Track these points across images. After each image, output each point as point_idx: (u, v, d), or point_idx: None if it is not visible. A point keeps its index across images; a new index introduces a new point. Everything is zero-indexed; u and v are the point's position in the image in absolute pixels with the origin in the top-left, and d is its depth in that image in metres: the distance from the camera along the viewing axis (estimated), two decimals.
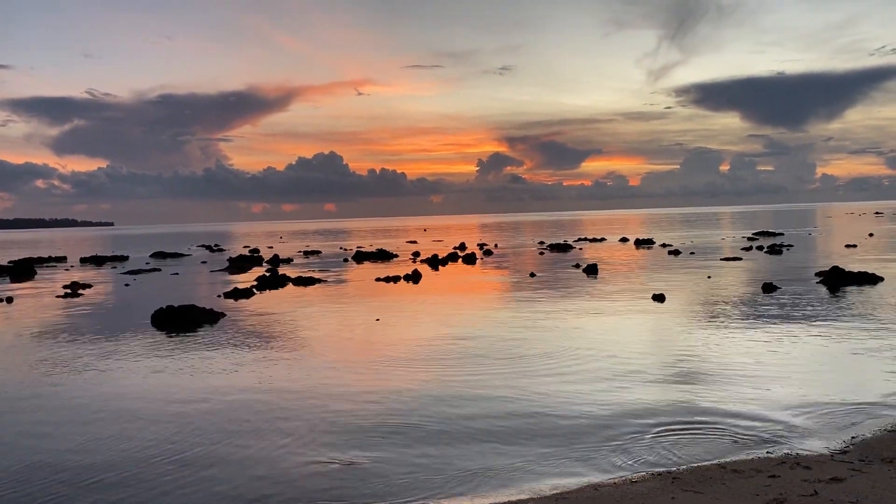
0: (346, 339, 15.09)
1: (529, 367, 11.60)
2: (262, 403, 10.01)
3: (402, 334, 15.42)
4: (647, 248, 44.45)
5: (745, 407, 9.01)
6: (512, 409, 9.24)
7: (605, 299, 20.10)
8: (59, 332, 17.31)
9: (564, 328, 15.38)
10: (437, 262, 36.79)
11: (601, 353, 12.56)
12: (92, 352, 14.40)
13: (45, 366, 13.18)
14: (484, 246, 52.83)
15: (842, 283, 21.55)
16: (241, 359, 13.23)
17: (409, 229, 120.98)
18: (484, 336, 14.69)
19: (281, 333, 15.98)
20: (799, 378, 10.39)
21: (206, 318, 18.14)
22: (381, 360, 12.66)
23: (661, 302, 19.06)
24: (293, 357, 13.24)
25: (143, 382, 11.59)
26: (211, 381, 11.55)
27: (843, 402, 9.14)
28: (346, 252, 51.06)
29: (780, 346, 12.70)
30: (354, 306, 20.50)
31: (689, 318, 16.19)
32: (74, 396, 10.82)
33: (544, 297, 21.14)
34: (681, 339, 13.70)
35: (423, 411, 9.32)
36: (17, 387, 11.59)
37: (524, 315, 17.51)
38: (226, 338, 15.58)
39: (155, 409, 9.93)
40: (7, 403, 10.52)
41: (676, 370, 11.13)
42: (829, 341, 13.06)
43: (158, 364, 12.98)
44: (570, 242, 52.65)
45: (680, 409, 9.00)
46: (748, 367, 11.20)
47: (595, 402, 9.44)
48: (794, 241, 46.88)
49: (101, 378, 12.00)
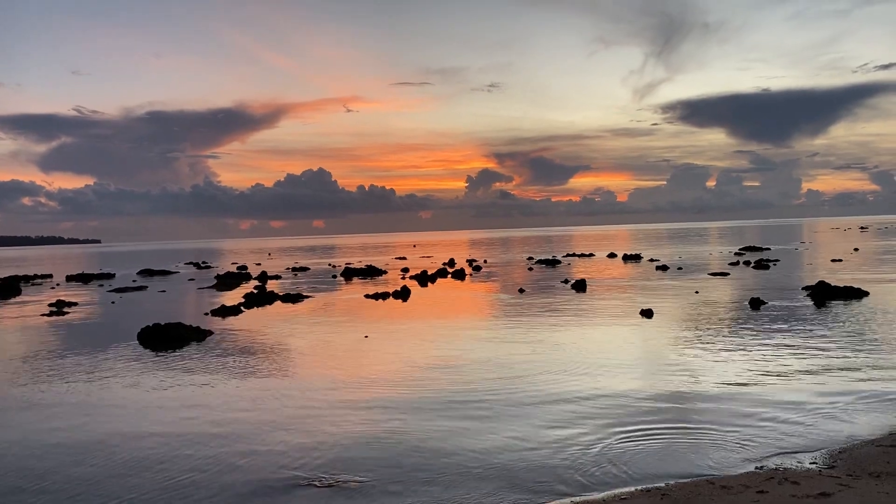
0: (333, 357, 15.00)
1: (518, 386, 11.57)
2: (248, 422, 9.91)
3: (390, 351, 15.35)
4: (634, 264, 44.60)
5: (734, 422, 9.02)
6: (497, 426, 9.20)
7: (593, 315, 20.12)
8: (43, 350, 17.11)
9: (553, 345, 15.37)
10: (426, 279, 36.74)
11: (590, 369, 12.55)
12: (76, 370, 14.23)
13: (27, 385, 13.01)
14: (473, 262, 52.84)
15: (828, 298, 21.71)
16: (227, 377, 13.12)
17: (399, 245, 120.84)
18: (472, 353, 14.65)
19: (268, 351, 15.87)
20: (787, 393, 10.42)
21: (193, 336, 18.00)
22: (369, 378, 12.58)
23: (649, 317, 19.10)
24: (280, 375, 13.14)
25: (127, 400, 11.45)
26: (195, 399, 11.44)
27: (831, 416, 9.17)
28: (334, 269, 50.93)
29: (769, 361, 12.73)
30: (343, 323, 20.41)
31: (677, 334, 16.22)
32: (56, 416, 10.67)
33: (533, 313, 21.14)
34: (669, 355, 13.71)
35: (411, 431, 9.26)
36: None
37: (513, 332, 17.49)
38: (212, 356, 15.45)
39: (138, 427, 9.81)
40: None
41: (665, 386, 11.12)
42: (816, 356, 13.11)
43: (143, 382, 12.84)
44: (559, 258, 52.78)
45: (668, 424, 8.99)
46: (735, 381, 11.22)
47: (582, 417, 9.41)
48: (781, 256, 47.20)
49: (84, 397, 11.85)
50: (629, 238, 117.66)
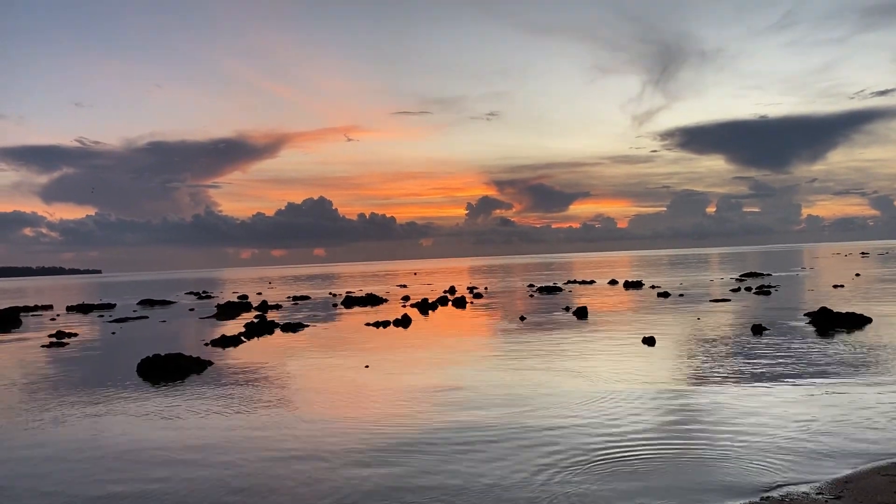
0: (334, 387, 14.89)
1: (521, 419, 11.48)
2: (248, 457, 9.82)
3: (391, 381, 15.25)
4: (636, 291, 44.54)
5: (740, 452, 8.93)
6: (500, 463, 9.11)
7: (595, 343, 20.03)
8: (42, 382, 17.01)
9: (556, 374, 15.27)
10: (426, 307, 36.67)
11: (593, 398, 12.46)
12: (74, 402, 14.14)
13: (25, 417, 12.92)
14: (474, 289, 52.77)
15: (830, 325, 21.62)
16: (227, 409, 13.02)
17: (399, 273, 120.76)
18: (473, 383, 14.55)
19: (268, 382, 15.78)
20: (792, 421, 10.33)
21: (193, 367, 17.93)
22: (369, 410, 12.49)
23: (651, 345, 19.01)
24: (280, 407, 13.05)
25: (126, 434, 11.36)
26: (195, 432, 11.34)
27: (838, 446, 9.09)
28: (335, 297, 50.85)
29: (772, 390, 12.65)
30: (343, 353, 20.31)
31: (680, 361, 16.13)
32: (54, 448, 10.58)
33: (535, 341, 21.05)
34: (671, 383, 13.62)
35: (412, 466, 9.18)
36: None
37: (514, 361, 17.40)
38: (212, 387, 15.36)
39: (137, 461, 9.72)
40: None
41: (666, 415, 11.03)
42: (820, 385, 13.02)
43: (142, 415, 12.74)
44: (560, 285, 52.72)
45: (670, 454, 8.91)
46: (740, 411, 11.13)
47: (586, 449, 9.33)
48: (782, 282, 47.14)
49: (82, 429, 11.76)
50: (630, 264, 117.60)
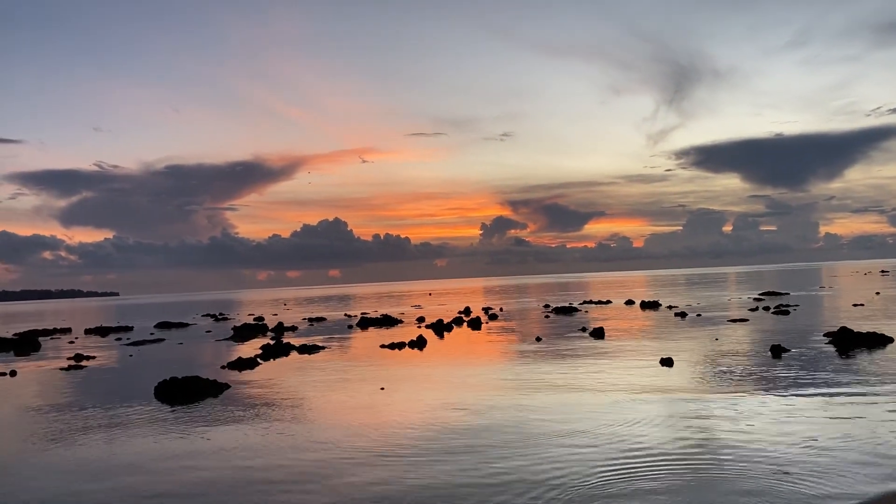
0: (350, 411, 14.86)
1: (534, 441, 11.39)
2: (263, 479, 9.81)
3: (407, 404, 15.20)
4: (652, 311, 44.20)
5: (759, 472, 8.79)
6: (516, 483, 9.03)
7: (612, 365, 19.87)
8: (59, 405, 17.12)
9: (572, 396, 15.16)
10: (441, 328, 36.61)
11: (611, 421, 12.35)
12: (92, 425, 14.21)
13: (42, 440, 13.00)
14: (489, 310, 52.64)
15: (851, 345, 21.33)
16: (243, 433, 13.02)
17: (414, 294, 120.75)
18: (489, 405, 14.47)
19: (284, 404, 15.78)
20: (814, 445, 10.16)
21: (210, 390, 17.98)
22: (386, 433, 12.45)
23: (669, 366, 18.84)
24: (295, 430, 13.03)
25: (143, 457, 11.38)
26: (211, 455, 11.34)
27: (860, 467, 8.93)
28: (350, 318, 50.90)
29: (792, 411, 12.47)
30: (359, 375, 20.29)
31: (699, 383, 15.95)
32: (70, 471, 10.62)
33: (551, 363, 20.93)
34: (690, 405, 13.45)
35: (431, 486, 9.12)
36: (11, 462, 11.40)
37: (530, 382, 17.29)
38: (228, 410, 15.39)
39: (154, 484, 9.73)
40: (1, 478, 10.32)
41: (685, 437, 10.90)
42: (842, 407, 12.82)
43: (159, 438, 12.78)
44: (576, 305, 52.47)
45: (687, 479, 8.78)
46: (760, 431, 10.97)
47: (604, 467, 9.23)
48: (801, 302, 46.63)
49: (99, 452, 11.80)
50: (646, 284, 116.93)
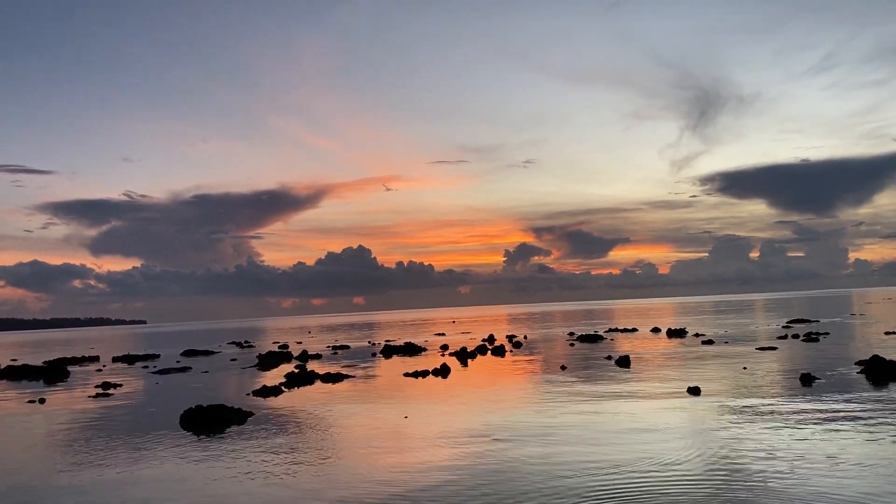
0: (374, 440, 14.81)
1: (558, 472, 11.26)
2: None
3: (431, 433, 15.11)
4: (679, 339, 43.62)
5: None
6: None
7: (639, 394, 19.61)
8: (86, 433, 17.29)
9: (598, 424, 14.97)
10: (465, 356, 36.45)
11: (634, 449, 12.17)
12: (118, 454, 14.31)
13: (69, 467, 13.11)
14: (513, 337, 52.33)
15: (884, 374, 20.84)
16: (267, 461, 13.03)
17: (438, 321, 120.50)
18: (513, 434, 14.34)
19: (308, 433, 15.77)
20: (848, 481, 9.92)
21: (235, 418, 18.05)
22: (411, 462, 12.38)
23: (696, 395, 18.55)
24: (319, 461, 13.01)
25: (165, 484, 11.43)
26: (235, 486, 11.36)
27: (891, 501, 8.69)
28: (374, 346, 50.91)
29: (822, 441, 12.18)
30: (383, 403, 20.24)
31: (727, 413, 15.66)
32: (92, 498, 10.69)
33: (576, 392, 20.71)
34: (719, 435, 13.20)
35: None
36: (35, 484, 11.50)
37: (556, 412, 17.11)
38: (253, 439, 15.42)
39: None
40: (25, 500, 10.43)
41: (715, 470, 10.69)
42: (875, 439, 12.51)
43: (185, 468, 12.83)
44: (601, 333, 51.97)
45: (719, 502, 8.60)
46: (791, 467, 10.73)
47: (628, 497, 9.08)
48: (831, 329, 45.75)
49: (124, 481, 11.87)
50: (672, 311, 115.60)
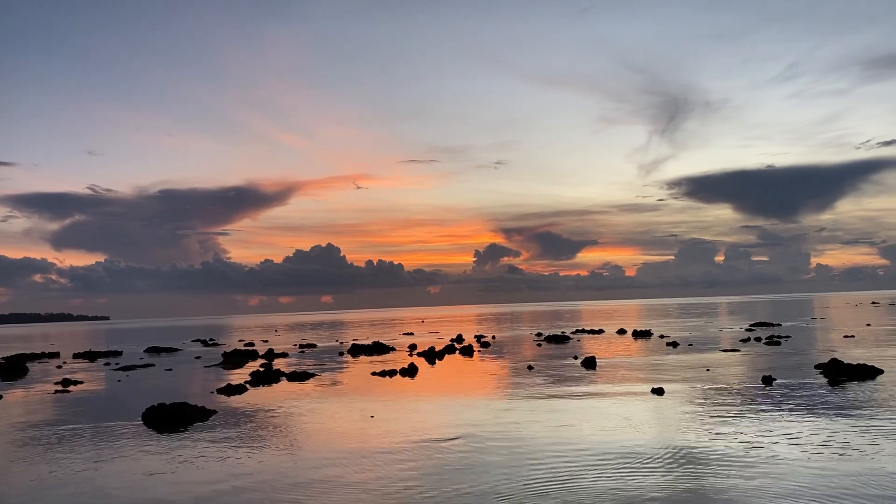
0: (338, 438, 14.75)
1: (523, 474, 11.32)
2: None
3: (397, 432, 15.09)
4: (644, 340, 44.17)
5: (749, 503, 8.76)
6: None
7: (603, 394, 19.82)
8: (45, 430, 16.92)
9: (563, 425, 15.10)
10: (433, 355, 36.46)
11: (600, 451, 12.29)
12: (78, 451, 14.04)
13: (26, 466, 12.83)
14: (481, 338, 52.48)
15: (842, 376, 21.36)
16: (229, 459, 12.89)
17: (406, 321, 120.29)
18: (478, 434, 14.39)
19: (271, 431, 15.64)
20: (801, 475, 10.14)
21: (198, 416, 17.82)
22: (374, 462, 12.34)
23: (660, 395, 18.80)
24: (282, 458, 12.92)
25: (129, 484, 11.24)
26: (197, 481, 11.22)
27: (851, 494, 8.90)
28: (341, 345, 50.65)
29: (782, 441, 12.44)
30: (348, 402, 20.15)
31: (690, 412, 15.91)
32: (56, 498, 10.47)
33: (542, 392, 20.85)
34: (682, 434, 13.41)
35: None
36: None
37: (521, 411, 17.21)
38: (216, 436, 15.24)
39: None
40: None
41: (679, 466, 10.86)
42: (831, 437, 12.81)
43: (147, 464, 12.63)
44: (568, 334, 52.38)
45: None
46: (750, 461, 10.94)
47: (593, 499, 9.17)
48: (792, 332, 46.71)
49: (84, 478, 11.65)
50: (638, 313, 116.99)
